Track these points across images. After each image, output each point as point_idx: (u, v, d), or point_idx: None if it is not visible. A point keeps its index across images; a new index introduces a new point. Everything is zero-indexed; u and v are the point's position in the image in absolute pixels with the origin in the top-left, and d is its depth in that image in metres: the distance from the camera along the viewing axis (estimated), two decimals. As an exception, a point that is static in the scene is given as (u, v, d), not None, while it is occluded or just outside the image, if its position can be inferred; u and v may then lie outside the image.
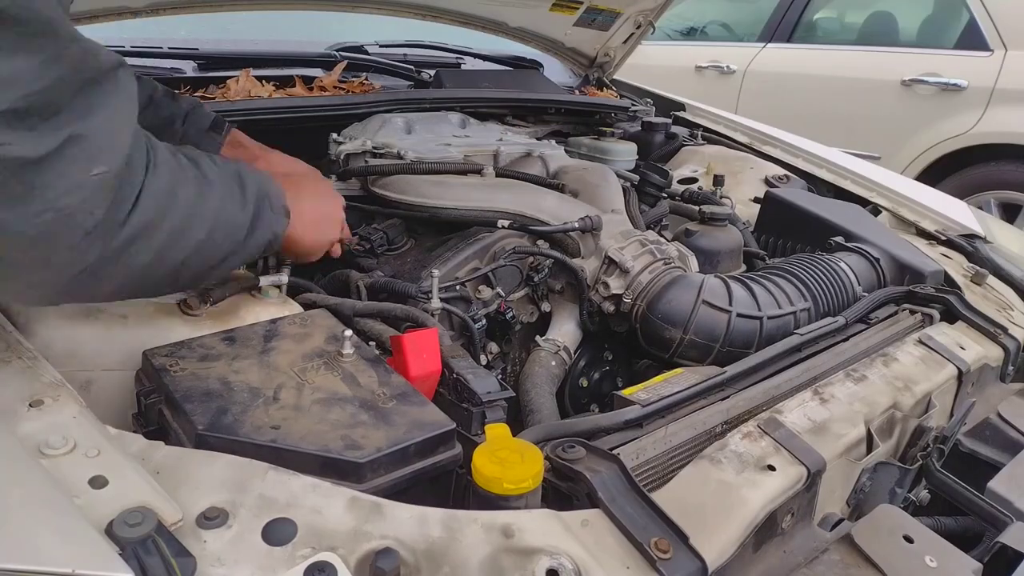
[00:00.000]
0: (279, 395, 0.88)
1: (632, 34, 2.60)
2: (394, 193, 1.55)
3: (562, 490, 0.88)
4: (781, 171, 2.23)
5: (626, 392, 1.12)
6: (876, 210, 2.05)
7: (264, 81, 1.86)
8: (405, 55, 2.39)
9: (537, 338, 1.49)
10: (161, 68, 1.83)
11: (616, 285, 1.46)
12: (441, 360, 1.04)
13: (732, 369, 1.18)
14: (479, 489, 0.81)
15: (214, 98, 1.73)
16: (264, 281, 1.16)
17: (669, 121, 2.50)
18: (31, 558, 0.57)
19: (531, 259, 1.47)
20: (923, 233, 1.92)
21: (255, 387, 0.89)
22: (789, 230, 1.86)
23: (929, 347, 1.34)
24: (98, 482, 0.67)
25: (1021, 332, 1.52)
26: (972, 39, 3.80)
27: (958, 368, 1.32)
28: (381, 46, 2.38)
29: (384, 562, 0.67)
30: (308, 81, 1.96)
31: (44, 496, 0.63)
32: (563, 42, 2.61)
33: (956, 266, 1.75)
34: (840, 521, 1.06)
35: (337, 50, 2.22)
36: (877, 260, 1.63)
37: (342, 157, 1.63)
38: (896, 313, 1.49)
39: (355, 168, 1.62)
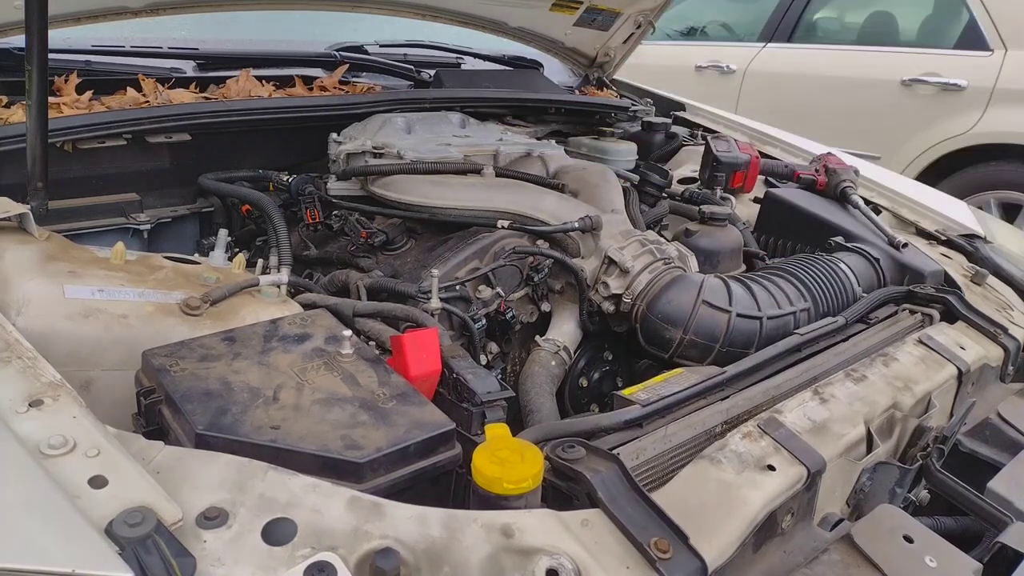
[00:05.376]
0: (279, 395, 0.88)
1: (632, 34, 2.59)
2: (394, 193, 1.55)
3: (562, 490, 0.88)
4: (781, 171, 2.23)
5: (626, 392, 1.12)
6: (876, 210, 2.04)
7: (264, 81, 1.86)
8: (405, 55, 2.39)
9: (537, 338, 1.49)
10: (161, 68, 1.83)
11: (616, 285, 1.46)
12: (441, 360, 1.03)
13: (732, 369, 1.18)
14: (479, 489, 0.81)
15: (214, 98, 1.73)
16: (264, 281, 1.17)
17: (669, 121, 2.50)
18: (31, 558, 0.57)
19: (531, 259, 1.47)
20: (923, 233, 1.92)
21: (255, 387, 0.88)
22: (789, 230, 1.86)
23: (929, 347, 1.34)
24: (98, 482, 0.67)
25: (1021, 332, 1.52)
26: (972, 39, 3.79)
27: (958, 368, 1.32)
28: (381, 46, 2.38)
29: (384, 562, 0.67)
30: (308, 81, 1.96)
31: (44, 496, 0.63)
32: (563, 42, 2.61)
33: (956, 266, 1.75)
34: (840, 521, 1.06)
35: (337, 50, 2.21)
36: (877, 260, 1.62)
37: (342, 157, 1.63)
38: (896, 313, 1.49)
39: (355, 168, 1.62)
